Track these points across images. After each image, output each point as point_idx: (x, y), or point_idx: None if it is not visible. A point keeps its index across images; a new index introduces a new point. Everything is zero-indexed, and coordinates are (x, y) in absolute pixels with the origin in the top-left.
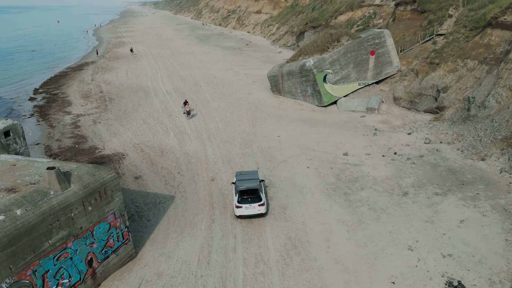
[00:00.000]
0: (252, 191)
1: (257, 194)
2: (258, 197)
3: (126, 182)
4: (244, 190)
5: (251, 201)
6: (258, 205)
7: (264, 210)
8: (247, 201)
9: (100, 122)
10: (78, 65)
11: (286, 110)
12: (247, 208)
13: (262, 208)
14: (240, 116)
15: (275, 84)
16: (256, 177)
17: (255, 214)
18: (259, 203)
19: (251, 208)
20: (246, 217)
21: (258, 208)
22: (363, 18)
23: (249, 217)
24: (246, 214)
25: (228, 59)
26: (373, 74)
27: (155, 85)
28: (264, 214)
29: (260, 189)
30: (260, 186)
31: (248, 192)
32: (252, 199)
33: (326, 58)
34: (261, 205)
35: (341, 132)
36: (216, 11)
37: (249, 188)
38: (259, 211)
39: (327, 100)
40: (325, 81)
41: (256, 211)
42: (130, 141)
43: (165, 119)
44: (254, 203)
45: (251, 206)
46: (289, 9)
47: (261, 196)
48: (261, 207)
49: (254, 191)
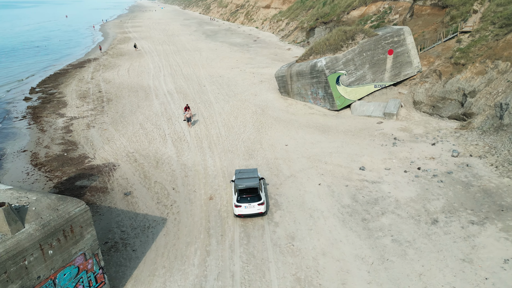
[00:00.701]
0: (252, 190)
1: (256, 193)
2: (258, 196)
3: (114, 200)
4: (244, 189)
5: (250, 200)
6: (258, 204)
7: (263, 209)
8: (247, 200)
9: (94, 126)
10: (79, 62)
11: (295, 114)
12: (247, 207)
13: (261, 207)
14: (245, 121)
15: (283, 85)
16: (255, 176)
17: (255, 213)
18: (258, 202)
19: (250, 207)
20: (246, 216)
21: (258, 208)
22: (378, 13)
23: (248, 216)
24: (246, 213)
25: (235, 56)
26: (391, 75)
27: (156, 84)
28: (263, 213)
29: (259, 188)
30: (260, 185)
31: (248, 191)
32: (251, 198)
33: (340, 57)
34: (261, 204)
35: (356, 141)
36: (225, 6)
37: (248, 187)
38: (259, 210)
39: (340, 103)
40: (338, 83)
41: (255, 210)
42: (124, 149)
43: (164, 124)
44: (253, 202)
45: (251, 205)
46: (299, 3)
47: (260, 195)
48: (261, 206)
49: (253, 190)
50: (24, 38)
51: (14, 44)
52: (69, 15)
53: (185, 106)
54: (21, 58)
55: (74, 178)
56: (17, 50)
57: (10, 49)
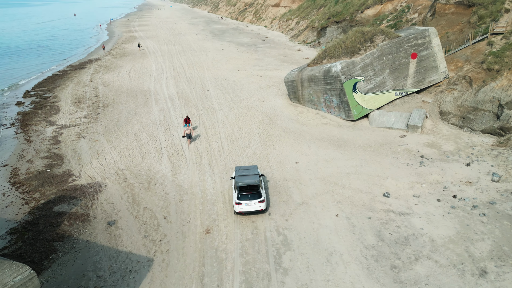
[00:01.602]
0: (252, 187)
1: (257, 190)
2: (258, 194)
3: (95, 231)
4: (244, 186)
5: (251, 198)
6: (258, 201)
7: (264, 207)
8: (247, 197)
9: (85, 136)
10: (81, 62)
11: (307, 124)
12: (247, 205)
13: (262, 205)
14: (251, 132)
15: (293, 90)
16: (256, 173)
17: (255, 210)
18: (259, 199)
19: (251, 204)
20: (246, 213)
21: (258, 205)
22: (395, 12)
23: (249, 214)
24: (246, 210)
25: (242, 57)
26: (414, 81)
27: (157, 88)
28: (264, 211)
29: (260, 185)
30: (260, 182)
31: (248, 188)
32: (252, 196)
33: (357, 62)
34: (261, 202)
35: (377, 159)
36: (233, 4)
37: (249, 184)
38: (259, 208)
39: (357, 113)
40: (354, 90)
41: (256, 208)
42: (114, 166)
43: (161, 135)
44: (254, 199)
45: (251, 203)
46: (309, 2)
47: (261, 192)
48: (261, 203)
49: (254, 187)
50: (30, 37)
51: (19, 43)
52: (78, 14)
53: (185, 117)
54: (23, 58)
55: (53, 202)
56: (21, 50)
57: (14, 48)
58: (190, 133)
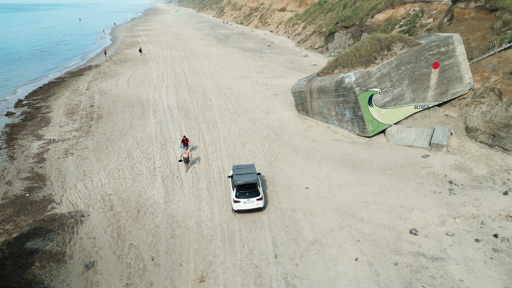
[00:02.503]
0: (250, 185)
1: (255, 188)
2: (256, 192)
3: (69, 276)
4: (242, 185)
5: (249, 196)
6: (256, 199)
7: (262, 205)
8: (245, 195)
9: (73, 153)
10: (80, 69)
11: (317, 140)
12: (245, 203)
13: (260, 203)
14: (254, 150)
15: (301, 102)
16: (253, 171)
17: (254, 208)
18: (257, 197)
19: (249, 202)
20: (244, 211)
21: (256, 203)
22: (407, 17)
23: (247, 212)
24: (244, 208)
25: (247, 63)
26: (436, 93)
27: (156, 97)
28: (262, 209)
29: (257, 183)
30: (258, 180)
31: (246, 186)
32: (250, 194)
33: (373, 72)
34: (259, 200)
35: (398, 184)
36: (238, 9)
37: (247, 183)
38: (257, 206)
39: (372, 129)
40: (370, 104)
41: (254, 206)
42: (100, 189)
43: (156, 152)
44: (252, 197)
45: (249, 201)
46: (316, 6)
47: (259, 190)
48: (259, 201)
49: (252, 186)
50: (33, 42)
51: (21, 49)
52: (84, 18)
53: (182, 138)
54: (23, 64)
55: (27, 236)
56: (22, 56)
57: (16, 54)
58: (188, 157)
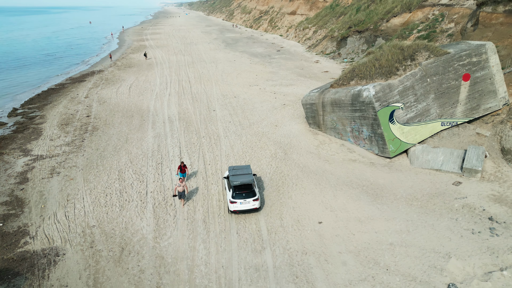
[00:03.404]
0: (246, 186)
1: (251, 189)
2: (252, 192)
3: None
4: (238, 185)
5: (245, 196)
6: (253, 200)
7: (258, 205)
8: (241, 196)
9: (60, 172)
10: (82, 75)
11: (330, 160)
12: (242, 203)
13: (256, 203)
14: (260, 171)
15: (312, 115)
16: (249, 172)
17: (250, 209)
18: (253, 198)
19: (245, 203)
20: (241, 212)
21: (253, 203)
22: (426, 21)
23: (243, 212)
24: (241, 209)
25: (255, 69)
26: (466, 109)
27: (157, 107)
28: (258, 209)
29: (253, 184)
30: (254, 181)
31: (242, 187)
32: (246, 194)
33: (395, 85)
34: (255, 200)
35: (428, 220)
36: (248, 12)
37: (243, 183)
38: (254, 206)
39: (394, 149)
40: (391, 120)
41: (250, 206)
42: (83, 220)
43: (150, 172)
44: (248, 198)
45: (246, 201)
46: (328, 10)
47: (255, 191)
48: (255, 202)
49: (248, 186)
50: (40, 46)
51: (28, 53)
52: (95, 22)
53: (179, 164)
54: (28, 69)
55: None
56: (28, 60)
57: (22, 58)
58: (184, 191)
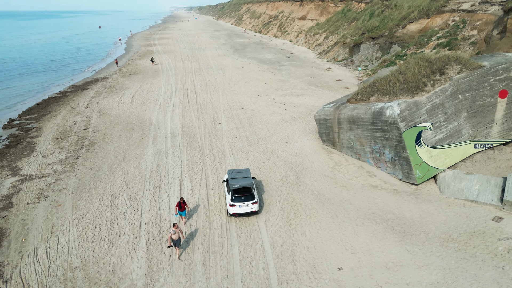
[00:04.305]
0: (245, 189)
1: (250, 192)
2: (252, 195)
3: None
4: (238, 189)
5: (244, 199)
6: (252, 203)
7: (257, 208)
8: (241, 199)
9: (48, 196)
10: (85, 82)
11: (348, 186)
12: (241, 207)
13: (255, 206)
14: (269, 199)
15: (326, 131)
16: (248, 175)
17: (249, 212)
18: (252, 201)
19: (244, 206)
20: (240, 215)
21: (252, 206)
22: (446, 27)
23: (242, 215)
24: (240, 212)
25: (264, 77)
26: (503, 129)
27: (160, 119)
28: (257, 212)
29: (252, 187)
30: (253, 184)
31: (241, 190)
32: (245, 197)
33: (422, 102)
34: (255, 203)
35: (469, 268)
36: (257, 17)
37: (242, 187)
38: (253, 209)
39: (421, 175)
40: (418, 143)
41: (249, 209)
42: (65, 259)
43: (146, 199)
44: (247, 201)
45: (245, 204)
46: (339, 15)
47: (254, 194)
48: (254, 205)
49: (247, 189)
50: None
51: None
52: (104, 26)
53: (178, 201)
54: (32, 75)
55: None
56: (34, 66)
57: (28, 65)
58: (179, 239)
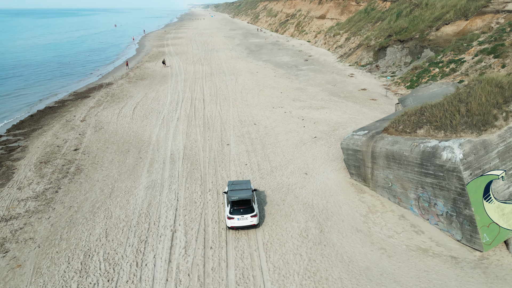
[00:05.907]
0: (245, 201)
1: (249, 205)
2: (251, 208)
3: None
4: (236, 201)
5: (243, 212)
6: (251, 216)
7: (256, 222)
8: (239, 212)
9: (9, 251)
10: (88, 88)
11: (389, 250)
12: (239, 219)
13: (254, 220)
14: (284, 267)
15: (356, 164)
16: (248, 187)
17: (248, 225)
18: (251, 214)
19: (243, 219)
20: (238, 228)
21: (251, 220)
22: (489, 31)
23: (241, 229)
24: (238, 225)
25: (280, 85)
26: None
27: (161, 137)
28: (256, 226)
29: (252, 200)
30: (253, 196)
31: (240, 202)
32: (244, 210)
33: (493, 142)
34: (254, 216)
35: None
36: (274, 15)
37: (241, 199)
38: (251, 223)
39: (490, 240)
40: (487, 197)
41: (248, 222)
42: None
43: (126, 262)
44: (246, 214)
45: (243, 217)
46: (362, 14)
47: (253, 207)
48: (254, 218)
49: (246, 202)
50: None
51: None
52: (120, 25)
53: None
54: (35, 79)
55: None
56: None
57: (35, 65)
58: None
